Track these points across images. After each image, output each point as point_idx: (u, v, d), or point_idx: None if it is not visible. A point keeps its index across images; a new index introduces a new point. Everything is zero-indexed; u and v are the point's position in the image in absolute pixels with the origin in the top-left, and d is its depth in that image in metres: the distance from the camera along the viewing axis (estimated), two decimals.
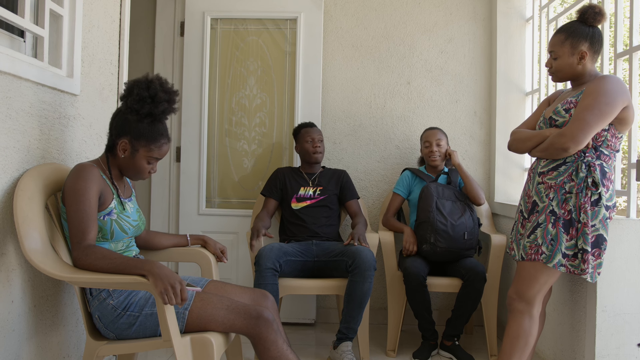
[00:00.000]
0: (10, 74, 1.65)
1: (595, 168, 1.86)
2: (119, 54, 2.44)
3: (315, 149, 3.03)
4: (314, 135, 3.04)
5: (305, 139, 3.04)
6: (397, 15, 3.46)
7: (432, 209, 2.76)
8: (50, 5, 1.92)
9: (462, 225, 2.74)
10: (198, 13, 3.42)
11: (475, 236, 2.78)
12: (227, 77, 3.48)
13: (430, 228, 2.74)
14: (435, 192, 2.82)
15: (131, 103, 1.77)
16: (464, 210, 2.81)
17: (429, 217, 2.75)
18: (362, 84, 3.47)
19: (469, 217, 2.78)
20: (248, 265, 3.39)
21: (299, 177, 3.08)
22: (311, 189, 3.04)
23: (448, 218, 2.74)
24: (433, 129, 3.05)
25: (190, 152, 3.45)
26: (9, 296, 1.67)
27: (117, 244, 1.83)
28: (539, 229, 1.93)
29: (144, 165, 1.83)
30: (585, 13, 1.94)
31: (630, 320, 2.02)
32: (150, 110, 1.77)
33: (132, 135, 1.78)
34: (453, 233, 2.71)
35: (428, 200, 2.79)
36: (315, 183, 3.07)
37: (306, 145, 3.04)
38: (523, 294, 1.96)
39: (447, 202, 2.80)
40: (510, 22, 3.33)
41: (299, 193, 3.03)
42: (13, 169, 1.70)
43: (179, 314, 1.70)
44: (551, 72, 2.03)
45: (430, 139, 3.00)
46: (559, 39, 1.96)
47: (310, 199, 3.02)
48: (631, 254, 2.02)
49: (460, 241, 2.72)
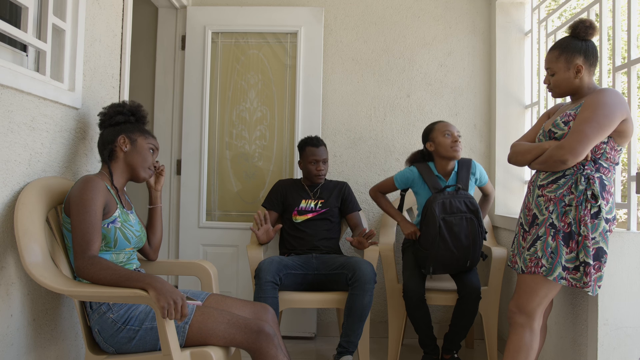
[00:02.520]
0: (12, 87, 1.66)
1: (594, 181, 1.86)
2: (121, 67, 2.46)
3: (319, 172, 2.99)
4: (318, 157, 2.99)
5: (309, 159, 3.00)
6: (397, 29, 3.49)
7: (435, 239, 2.54)
8: (52, 19, 1.94)
9: (465, 252, 2.57)
10: (199, 27, 3.45)
11: (477, 258, 2.64)
12: (228, 90, 3.49)
13: (431, 259, 2.58)
14: (441, 208, 2.56)
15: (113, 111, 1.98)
16: (472, 229, 2.57)
17: (431, 249, 2.56)
18: (362, 97, 3.48)
19: (476, 238, 2.58)
20: (248, 278, 3.38)
21: (301, 189, 3.07)
22: (313, 201, 3.02)
23: (451, 247, 2.54)
24: (444, 121, 2.78)
25: (191, 165, 3.45)
26: (8, 310, 1.66)
27: (119, 255, 1.84)
28: (538, 242, 1.93)
29: (148, 153, 1.97)
30: (577, 28, 1.96)
31: (632, 333, 2.01)
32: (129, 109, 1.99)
33: (125, 131, 1.94)
34: (455, 261, 2.59)
35: (431, 226, 2.56)
36: (317, 196, 3.05)
37: (309, 166, 3.01)
38: (523, 307, 1.96)
39: (455, 219, 2.55)
40: (509, 36, 3.35)
41: (300, 206, 3.01)
42: (14, 182, 1.70)
43: (179, 328, 1.69)
44: (550, 88, 2.04)
45: (451, 129, 2.70)
46: (554, 55, 1.98)
47: (312, 212, 3.00)
48: (632, 267, 2.02)
49: (461, 264, 2.62)
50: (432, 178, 2.72)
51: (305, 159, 3.03)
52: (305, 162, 3.03)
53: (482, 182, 2.86)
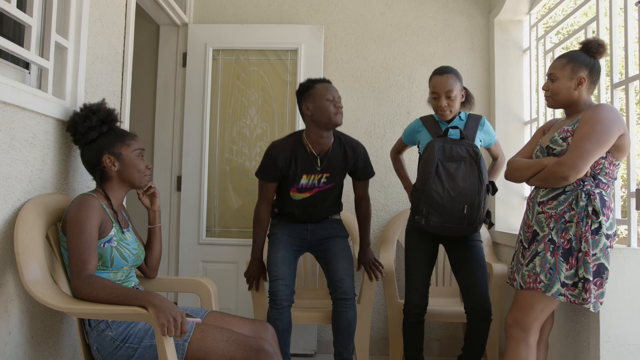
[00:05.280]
0: (14, 105, 1.67)
1: (595, 196, 1.86)
2: (122, 84, 2.48)
3: (338, 109, 2.41)
4: (334, 93, 2.43)
5: (325, 96, 2.40)
6: (396, 46, 3.52)
7: (430, 175, 2.30)
8: (55, 37, 1.96)
9: (461, 197, 2.26)
10: (200, 44, 3.48)
11: (477, 209, 2.29)
12: (228, 107, 3.51)
13: (424, 198, 2.30)
14: (440, 152, 2.33)
15: (82, 128, 1.85)
16: (471, 173, 2.30)
17: (424, 185, 2.31)
18: (362, 114, 3.50)
19: (474, 184, 2.29)
20: (248, 295, 3.36)
21: (304, 159, 2.50)
22: (316, 177, 2.52)
23: (446, 186, 2.28)
24: (442, 75, 2.45)
25: (191, 181, 3.46)
26: (7, 327, 1.65)
27: (116, 273, 1.83)
28: (537, 258, 1.93)
29: (137, 160, 1.89)
30: (590, 43, 1.99)
31: (634, 351, 1.99)
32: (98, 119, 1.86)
33: (106, 147, 1.86)
34: (450, 206, 2.26)
35: (428, 164, 2.33)
36: (323, 167, 2.52)
37: (326, 104, 2.39)
38: (520, 321, 1.95)
39: (452, 165, 2.31)
40: (508, 53, 3.38)
41: (300, 183, 2.52)
42: (15, 198, 1.70)
43: (179, 346, 1.68)
44: (547, 95, 2.05)
45: (438, 89, 2.43)
46: (561, 62, 2.00)
47: (314, 188, 2.55)
48: (633, 284, 2.01)
49: (458, 215, 2.27)
50: (435, 126, 2.53)
51: (316, 99, 2.42)
52: (317, 102, 2.41)
53: (490, 142, 2.60)
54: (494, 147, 2.66)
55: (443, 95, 2.42)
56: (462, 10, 3.53)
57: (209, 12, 3.59)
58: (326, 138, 2.49)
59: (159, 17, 3.43)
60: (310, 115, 2.43)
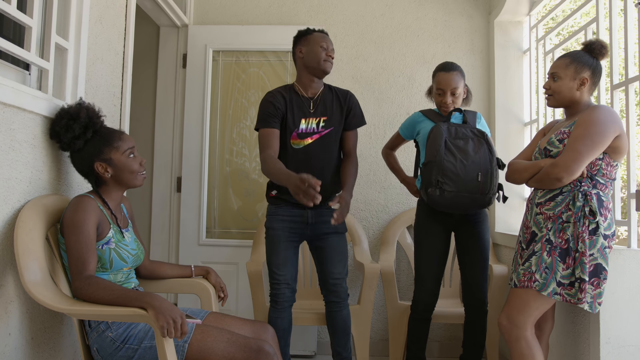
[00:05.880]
0: (14, 106, 1.67)
1: (592, 197, 1.87)
2: (122, 86, 2.48)
3: (328, 58, 2.43)
4: (329, 44, 2.45)
5: (320, 43, 2.43)
6: (396, 47, 3.52)
7: (440, 147, 2.32)
8: (56, 39, 1.96)
9: (474, 165, 2.29)
10: (200, 45, 3.48)
11: (491, 178, 2.31)
12: (229, 108, 3.51)
13: (436, 168, 2.30)
14: (447, 131, 2.36)
15: (67, 139, 1.81)
16: (480, 147, 2.34)
17: (436, 157, 2.31)
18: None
19: (485, 156, 2.32)
20: (248, 296, 3.36)
21: (298, 102, 2.46)
22: (314, 120, 2.45)
23: (458, 156, 2.30)
24: (449, 72, 2.49)
25: (191, 182, 3.46)
26: (7, 329, 1.65)
27: (116, 275, 1.83)
28: (533, 257, 1.93)
29: (129, 162, 1.85)
30: (593, 44, 1.99)
31: (634, 352, 1.99)
32: (80, 127, 1.80)
33: (95, 155, 1.81)
34: (464, 174, 2.27)
35: (437, 139, 2.34)
36: (318, 110, 2.46)
37: (318, 49, 2.42)
38: (513, 319, 1.95)
39: (460, 141, 2.34)
40: (508, 54, 3.38)
41: (300, 127, 2.43)
42: (15, 200, 1.70)
43: (179, 347, 1.68)
44: (548, 93, 2.05)
45: (444, 86, 2.47)
46: (564, 62, 2.00)
47: (314, 134, 2.44)
48: (633, 285, 2.01)
49: (473, 183, 2.28)
50: (437, 116, 2.54)
51: (311, 44, 2.44)
52: (311, 46, 2.44)
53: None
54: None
55: (449, 92, 2.46)
56: (462, 12, 3.53)
57: (209, 13, 3.60)
58: (317, 83, 2.49)
59: (159, 18, 3.43)
60: (302, 58, 2.46)
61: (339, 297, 2.47)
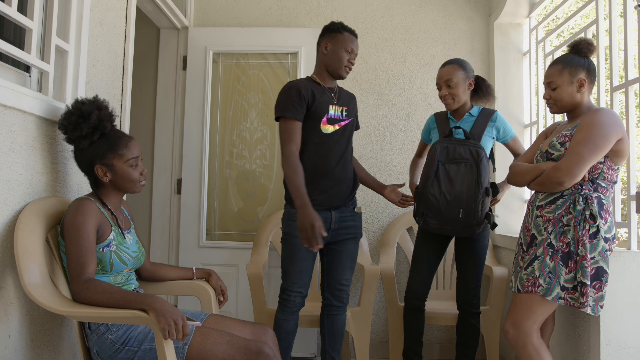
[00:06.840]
0: (15, 108, 1.67)
1: (592, 200, 1.86)
2: (122, 88, 2.48)
3: (349, 64, 2.41)
4: (355, 49, 2.42)
5: (346, 46, 2.38)
6: (397, 49, 3.53)
7: (429, 177, 2.36)
8: (56, 41, 1.96)
9: (457, 201, 2.30)
10: (200, 47, 3.48)
11: (474, 213, 2.30)
12: (229, 110, 3.51)
13: (422, 201, 2.37)
14: (443, 153, 2.37)
15: (73, 136, 1.78)
16: (470, 175, 2.32)
17: (423, 188, 2.38)
18: (362, 117, 3.49)
19: (471, 188, 2.30)
20: (248, 298, 3.36)
21: (322, 91, 2.42)
22: (338, 108, 2.43)
23: (443, 190, 2.32)
24: (444, 67, 2.52)
25: (191, 184, 3.46)
26: (6, 331, 1.65)
27: (116, 277, 1.82)
28: (536, 262, 1.92)
29: (130, 171, 1.83)
30: (579, 44, 1.99)
31: (634, 354, 1.99)
32: (89, 127, 1.77)
33: (98, 158, 1.79)
34: (446, 210, 2.31)
35: (429, 166, 2.39)
36: (340, 100, 2.47)
37: (343, 53, 2.38)
38: (519, 325, 1.94)
39: (453, 167, 2.34)
40: (508, 56, 3.39)
41: (329, 113, 2.39)
42: (15, 202, 1.70)
43: (179, 349, 1.68)
44: (550, 103, 2.04)
45: (438, 79, 2.51)
46: (557, 69, 1.99)
47: (340, 121, 2.43)
48: (633, 287, 2.01)
49: (455, 218, 2.31)
50: (445, 122, 2.56)
51: (338, 44, 2.39)
52: (337, 47, 2.39)
53: (506, 138, 2.56)
54: (512, 143, 2.59)
55: (443, 84, 2.49)
56: (461, 14, 3.53)
57: (209, 15, 3.60)
58: (332, 80, 2.49)
59: (159, 20, 3.43)
60: (325, 55, 2.42)
61: (341, 302, 2.48)
